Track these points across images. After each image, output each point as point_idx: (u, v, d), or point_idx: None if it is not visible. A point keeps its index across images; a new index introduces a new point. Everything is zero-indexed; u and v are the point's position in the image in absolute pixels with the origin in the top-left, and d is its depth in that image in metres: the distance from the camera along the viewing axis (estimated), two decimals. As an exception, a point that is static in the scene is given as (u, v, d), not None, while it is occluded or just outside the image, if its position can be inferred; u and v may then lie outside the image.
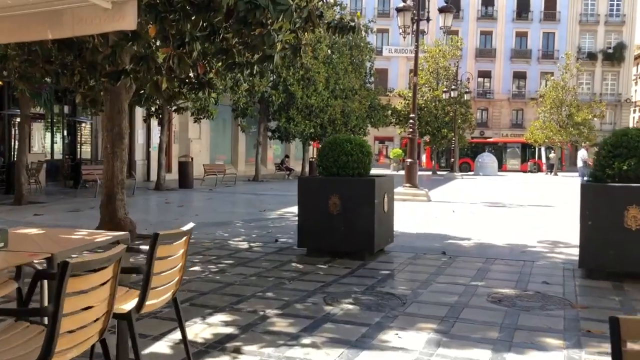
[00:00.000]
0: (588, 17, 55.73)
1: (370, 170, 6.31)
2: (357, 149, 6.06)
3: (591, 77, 54.62)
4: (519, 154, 47.29)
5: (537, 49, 56.15)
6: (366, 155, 6.12)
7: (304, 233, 6.14)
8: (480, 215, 11.00)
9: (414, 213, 11.27)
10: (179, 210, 11.34)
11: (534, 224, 9.71)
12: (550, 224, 9.72)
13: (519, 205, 13.41)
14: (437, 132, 37.08)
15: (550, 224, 9.72)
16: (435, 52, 37.72)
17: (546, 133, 37.34)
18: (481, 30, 56.66)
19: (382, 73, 53.43)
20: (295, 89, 23.43)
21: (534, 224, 9.60)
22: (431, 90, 37.67)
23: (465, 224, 9.53)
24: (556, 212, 11.75)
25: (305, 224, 6.14)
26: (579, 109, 37.15)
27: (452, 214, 11.21)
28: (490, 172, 37.33)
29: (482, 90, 56.64)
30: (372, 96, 35.29)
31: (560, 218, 10.51)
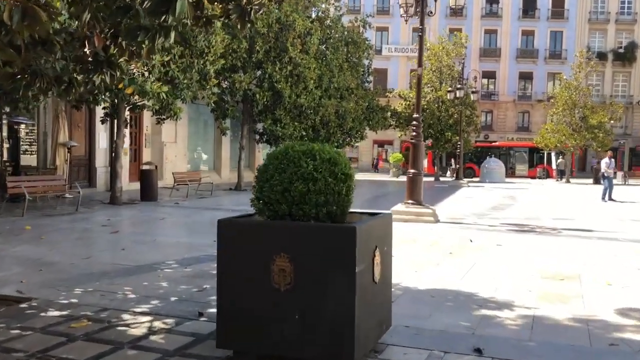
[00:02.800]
0: (598, 16, 53.06)
1: (350, 206, 3.53)
2: (325, 169, 3.32)
3: (601, 78, 51.95)
4: (527, 158, 44.64)
5: (544, 48, 53.49)
6: (342, 181, 3.36)
7: (228, 322, 3.37)
8: (510, 249, 8.24)
9: (420, 244, 8.51)
10: (106, 240, 8.56)
11: (595, 269, 6.93)
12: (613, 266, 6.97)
13: (553, 230, 10.64)
14: (440, 135, 34.34)
15: (614, 266, 6.98)
16: (438, 50, 35.00)
17: (558, 137, 34.58)
18: (485, 28, 54.01)
19: (382, 73, 50.74)
20: (283, 87, 20.69)
21: (597, 270, 6.82)
22: (434, 90, 34.95)
23: (494, 268, 6.75)
24: (607, 245, 8.97)
25: (229, 306, 3.36)
26: (594, 111, 34.39)
27: (471, 245, 8.43)
28: (498, 178, 34.59)
29: (486, 91, 53.91)
30: (370, 96, 32.52)
31: (618, 256, 7.77)
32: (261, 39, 19.73)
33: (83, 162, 18.41)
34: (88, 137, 18.49)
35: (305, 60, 21.61)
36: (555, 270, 6.59)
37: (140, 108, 14.00)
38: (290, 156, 3.33)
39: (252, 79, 20.27)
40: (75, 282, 5.53)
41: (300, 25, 20.71)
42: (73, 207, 12.71)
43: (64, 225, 10.07)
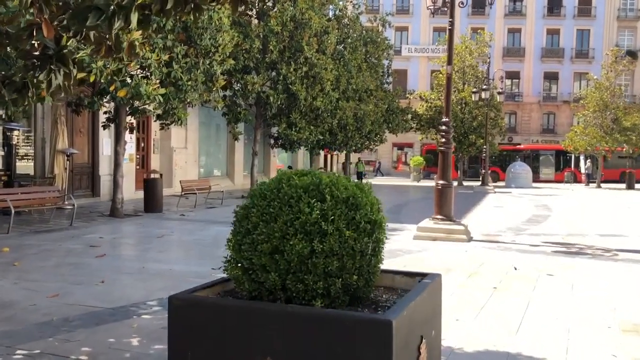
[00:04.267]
0: (627, 12, 51.06)
1: (379, 270, 2.24)
2: (340, 216, 2.06)
3: (630, 78, 49.82)
4: (553, 162, 42.95)
5: (571, 47, 51.59)
6: (367, 233, 2.09)
7: None
8: (564, 281, 6.92)
9: (456, 275, 7.19)
10: (87, 268, 7.37)
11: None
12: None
13: (607, 252, 9.24)
14: (463, 138, 32.81)
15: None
16: (461, 49, 33.47)
17: (588, 139, 32.83)
18: (509, 27, 52.30)
19: (401, 74, 49.34)
20: (298, 89, 19.42)
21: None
22: (457, 91, 33.41)
23: (553, 312, 5.42)
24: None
25: None
26: (627, 112, 32.59)
27: (516, 275, 7.09)
28: (524, 183, 33.02)
29: (510, 92, 52.13)
30: (389, 98, 31.23)
31: None
32: (275, 38, 18.52)
33: (86, 170, 17.38)
34: (91, 144, 17.46)
35: (321, 61, 20.33)
36: (634, 316, 5.22)
37: (140, 113, 12.84)
38: (285, 194, 2.08)
39: (265, 81, 19.08)
40: (23, 338, 4.34)
41: (316, 23, 19.45)
42: (67, 221, 11.61)
43: (49, 245, 8.93)
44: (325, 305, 2.01)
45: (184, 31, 12.52)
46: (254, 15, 19.61)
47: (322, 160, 43.23)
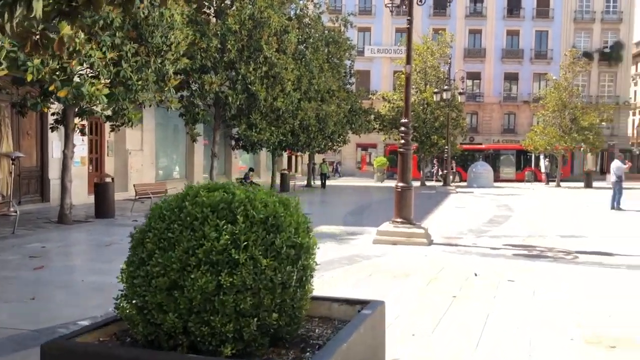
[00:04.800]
0: (583, 15, 52.13)
1: (307, 303, 1.86)
2: (256, 241, 1.63)
3: (587, 79, 50.93)
4: (514, 161, 43.46)
5: (530, 48, 52.44)
6: (291, 261, 1.70)
7: None
8: (525, 287, 6.71)
9: (414, 282, 6.91)
10: (20, 283, 6.81)
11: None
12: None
13: (567, 254, 9.12)
14: (425, 138, 32.85)
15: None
16: (422, 50, 33.51)
17: (547, 139, 33.28)
18: (470, 28, 52.81)
19: (364, 75, 49.29)
20: (258, 89, 18.97)
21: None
22: (419, 92, 33.45)
23: (514, 322, 5.19)
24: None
25: None
26: (585, 112, 33.16)
27: (477, 282, 6.84)
28: (486, 183, 33.25)
29: (471, 93, 52.65)
30: (352, 99, 31.00)
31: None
32: (233, 37, 18.04)
33: (35, 174, 16.57)
34: (40, 146, 16.67)
35: (282, 61, 19.94)
36: (596, 326, 5.00)
37: (88, 114, 12.21)
38: (188, 215, 1.69)
39: (224, 81, 18.55)
40: None
41: (275, 22, 19.03)
42: (9, 229, 10.92)
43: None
44: (237, 351, 1.62)
45: (134, 29, 11.94)
46: (211, 14, 19.08)
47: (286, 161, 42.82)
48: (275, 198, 1.83)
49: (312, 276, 1.93)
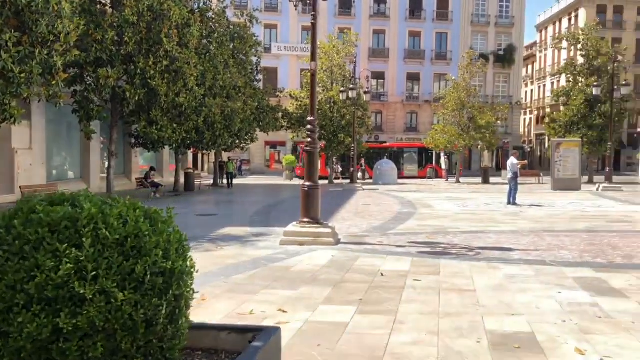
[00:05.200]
0: (480, 18, 54.77)
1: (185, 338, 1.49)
2: (108, 269, 1.24)
3: (484, 79, 53.55)
4: (416, 159, 44.79)
5: (431, 49, 54.34)
6: (159, 292, 1.33)
7: None
8: (431, 286, 6.67)
9: (321, 286, 6.69)
10: None
11: (546, 319, 5.46)
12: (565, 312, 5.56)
13: (470, 251, 9.27)
14: (333, 137, 33.07)
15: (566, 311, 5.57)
16: (328, 49, 33.69)
17: (447, 137, 34.58)
18: (374, 29, 53.90)
19: (272, 72, 48.94)
20: (158, 84, 18.11)
21: (549, 323, 5.34)
22: (325, 90, 33.61)
23: (420, 326, 5.09)
24: (541, 273, 7.69)
25: None
26: (481, 112, 34.77)
27: (383, 282, 6.73)
28: (391, 180, 33.99)
29: (375, 92, 53.79)
30: (259, 96, 30.57)
31: (563, 292, 6.41)
32: (131, 28, 17.07)
33: None
34: None
35: (184, 55, 19.17)
36: (501, 327, 4.99)
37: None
38: (18, 237, 1.27)
39: (121, 75, 17.55)
40: None
41: (176, 15, 18.24)
42: None
43: None
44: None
45: (16, 16, 10.88)
46: (107, 4, 17.95)
47: (192, 159, 41.55)
48: (139, 212, 1.47)
49: (189, 306, 1.58)
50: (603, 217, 14.62)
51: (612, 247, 9.39)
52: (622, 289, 6.34)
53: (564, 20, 61.75)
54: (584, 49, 35.09)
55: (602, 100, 32.47)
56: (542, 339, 4.59)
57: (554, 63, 61.72)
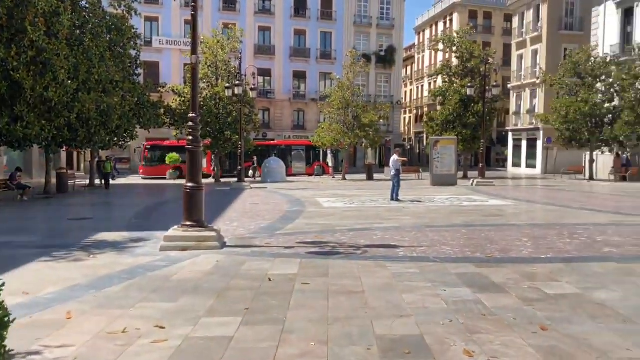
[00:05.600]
0: (362, 19, 56.22)
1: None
2: None
3: (367, 79, 55.16)
4: (304, 156, 45.09)
5: (316, 48, 54.93)
6: None
7: None
8: (320, 289, 6.51)
9: (203, 296, 6.28)
10: None
11: (431, 319, 5.44)
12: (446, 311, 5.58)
13: (357, 249, 9.23)
14: (219, 134, 32.32)
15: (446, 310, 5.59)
16: (213, 44, 32.86)
17: (333, 135, 35.10)
18: (259, 25, 53.50)
19: (153, 67, 47.00)
20: (23, 77, 16.54)
21: (427, 324, 5.31)
22: (210, 86, 32.76)
23: (309, 336, 4.87)
24: (424, 270, 7.78)
25: None
26: (365, 110, 35.66)
27: (271, 287, 6.44)
28: (279, 178, 33.92)
29: (263, 89, 53.47)
30: (139, 91, 29.04)
31: (447, 290, 6.50)
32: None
33: None
34: None
35: (53, 46, 17.65)
36: (391, 331, 4.88)
37: None
38: None
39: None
40: None
41: (42, 1, 16.72)
42: None
43: None
44: None
45: None
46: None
47: (66, 159, 38.73)
48: None
49: None
50: (479, 211, 15.39)
51: (490, 242, 9.81)
52: (502, 284, 6.55)
53: (440, 23, 65.13)
54: (459, 51, 37.13)
55: (475, 100, 34.54)
56: (431, 342, 4.53)
57: (431, 64, 64.97)
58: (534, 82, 45.36)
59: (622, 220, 12.87)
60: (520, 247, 9.27)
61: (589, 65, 32.60)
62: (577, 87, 32.93)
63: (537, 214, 15.17)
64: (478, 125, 34.24)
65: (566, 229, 11.32)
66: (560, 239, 10.07)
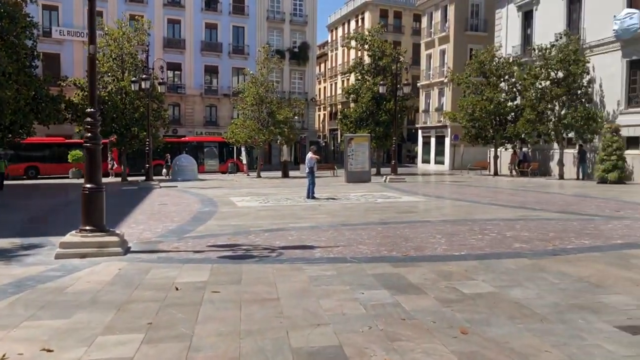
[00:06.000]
0: (275, 15, 55.76)
1: None
2: None
3: (280, 75, 54.83)
4: (217, 153, 44.13)
5: (228, 42, 53.86)
6: None
7: None
8: (231, 298, 6.12)
9: (101, 311, 5.69)
10: None
11: (351, 326, 5.17)
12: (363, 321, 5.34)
13: (272, 251, 8.86)
14: (125, 130, 30.79)
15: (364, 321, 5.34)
16: (118, 35, 31.24)
17: (247, 132, 34.47)
18: (169, 18, 51.74)
19: (53, 59, 44.32)
20: None
21: (357, 333, 5.04)
22: (116, 80, 31.13)
23: (218, 353, 4.44)
24: (343, 273, 7.55)
25: None
26: (280, 107, 35.29)
27: (178, 298, 5.95)
28: (191, 176, 32.91)
29: (172, 84, 51.78)
30: (36, 84, 27.06)
31: (365, 293, 6.25)
32: None
33: None
34: None
35: None
36: (307, 342, 4.55)
37: None
38: None
39: None
40: None
41: None
42: None
43: None
44: None
45: None
46: None
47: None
48: None
49: None
50: (393, 208, 15.48)
51: (405, 239, 9.76)
52: (419, 285, 6.42)
53: (352, 22, 65.94)
54: (371, 49, 37.60)
55: (387, 98, 35.10)
56: (351, 353, 4.25)
57: (344, 62, 65.66)
58: (442, 81, 46.90)
59: (528, 215, 13.34)
60: (435, 244, 9.28)
61: (493, 65, 34.05)
62: (483, 86, 34.29)
63: (448, 209, 15.47)
64: (390, 123, 34.83)
65: (477, 225, 11.54)
66: (472, 235, 10.21)
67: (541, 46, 30.22)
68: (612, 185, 24.36)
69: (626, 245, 9.01)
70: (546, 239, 9.70)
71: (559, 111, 29.46)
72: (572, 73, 28.51)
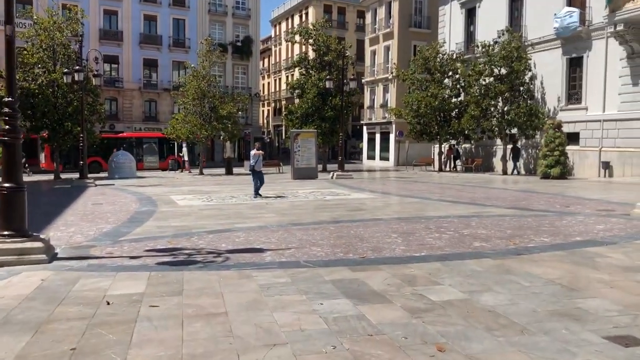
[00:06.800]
0: (217, 8, 54.40)
1: None
2: None
3: (223, 69, 53.60)
4: (157, 150, 42.57)
5: (168, 35, 52.08)
6: None
7: None
8: (173, 311, 5.35)
9: (13, 331, 4.82)
10: None
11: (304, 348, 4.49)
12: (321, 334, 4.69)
13: (218, 255, 8.10)
14: (58, 126, 29.02)
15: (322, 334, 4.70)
16: (49, 24, 29.39)
17: (189, 127, 33.25)
18: (105, 8, 49.46)
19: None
20: None
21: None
22: (47, 72, 29.27)
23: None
24: (297, 280, 6.89)
25: None
26: (223, 102, 34.21)
27: (109, 314, 5.14)
28: (129, 173, 31.41)
29: (110, 77, 49.64)
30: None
31: (324, 303, 5.64)
32: None
33: None
34: None
35: None
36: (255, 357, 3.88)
37: None
38: None
39: None
40: None
41: None
42: None
43: None
44: None
45: None
46: None
47: None
48: None
49: None
50: (343, 205, 14.95)
51: (360, 239, 9.21)
52: (383, 292, 5.84)
53: (296, 16, 65.21)
54: (316, 44, 37.01)
55: (333, 94, 34.63)
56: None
57: (288, 57, 64.87)
58: (386, 77, 46.89)
59: (481, 212, 13.08)
60: (392, 244, 8.77)
61: (437, 61, 34.15)
62: (427, 82, 34.35)
63: (400, 206, 15.08)
64: (336, 119, 34.38)
65: (432, 223, 11.13)
66: (429, 233, 9.77)
67: (484, 43, 30.49)
68: (554, 181, 24.76)
69: (586, 242, 8.77)
70: (505, 236, 9.37)
71: (502, 107, 29.81)
72: (515, 70, 28.89)
